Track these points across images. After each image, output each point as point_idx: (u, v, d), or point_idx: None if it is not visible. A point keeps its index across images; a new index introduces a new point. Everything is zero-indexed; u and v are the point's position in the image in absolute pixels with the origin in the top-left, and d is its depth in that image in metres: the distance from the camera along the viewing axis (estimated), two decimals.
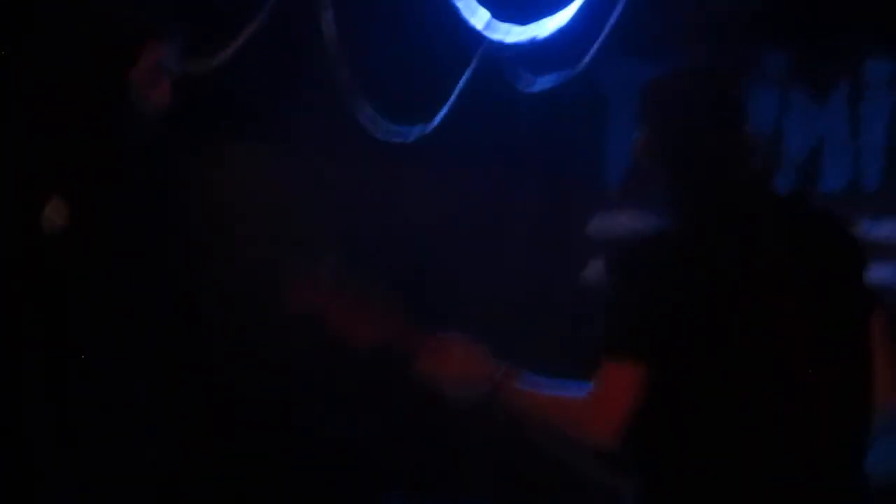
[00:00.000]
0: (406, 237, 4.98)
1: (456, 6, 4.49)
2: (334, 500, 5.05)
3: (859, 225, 3.02)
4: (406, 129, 4.82)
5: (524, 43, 4.59)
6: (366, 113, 4.73)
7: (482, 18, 4.60)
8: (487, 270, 5.17)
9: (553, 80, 4.76)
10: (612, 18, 4.47)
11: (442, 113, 4.75)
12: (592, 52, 4.58)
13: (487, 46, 4.66)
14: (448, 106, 4.75)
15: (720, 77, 2.77)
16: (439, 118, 4.77)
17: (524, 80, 4.76)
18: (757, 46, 4.97)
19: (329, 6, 4.52)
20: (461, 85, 4.76)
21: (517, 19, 4.62)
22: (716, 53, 4.70)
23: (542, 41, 4.56)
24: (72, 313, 3.17)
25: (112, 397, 3.31)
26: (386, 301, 2.77)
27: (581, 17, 4.51)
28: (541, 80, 4.78)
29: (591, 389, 2.56)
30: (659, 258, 2.59)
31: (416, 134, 4.80)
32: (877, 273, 2.76)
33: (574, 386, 2.59)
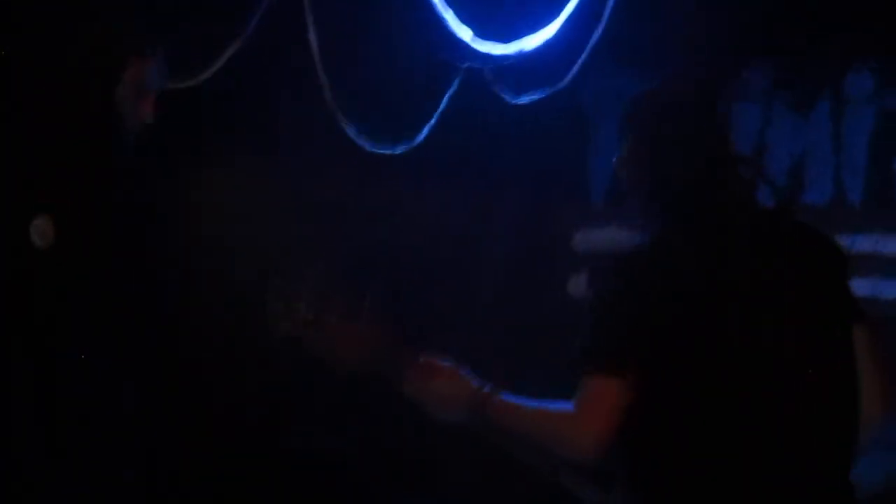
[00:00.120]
0: (392, 250, 4.94)
1: (443, 19, 4.46)
2: None
3: (842, 237, 2.93)
4: (392, 142, 4.77)
5: (511, 55, 4.56)
6: (352, 126, 4.68)
7: (468, 32, 4.55)
8: (472, 282, 5.15)
9: (538, 94, 4.73)
10: (596, 34, 4.48)
11: (429, 125, 4.72)
12: (577, 66, 4.58)
13: (474, 59, 4.62)
14: (435, 118, 4.71)
15: (702, 93, 2.79)
16: (426, 131, 4.73)
17: (510, 93, 4.73)
18: (740, 61, 4.99)
19: (313, 19, 4.51)
20: (447, 97, 4.72)
21: (501, 37, 4.59)
22: (699, 69, 4.65)
23: (528, 54, 4.54)
24: (60, 327, 3.09)
25: (98, 415, 3.28)
26: (371, 322, 2.76)
27: (566, 32, 4.50)
28: (526, 94, 4.74)
29: (573, 404, 2.54)
30: (642, 271, 2.58)
31: (402, 146, 4.76)
32: (859, 285, 2.79)
33: (556, 403, 2.58)
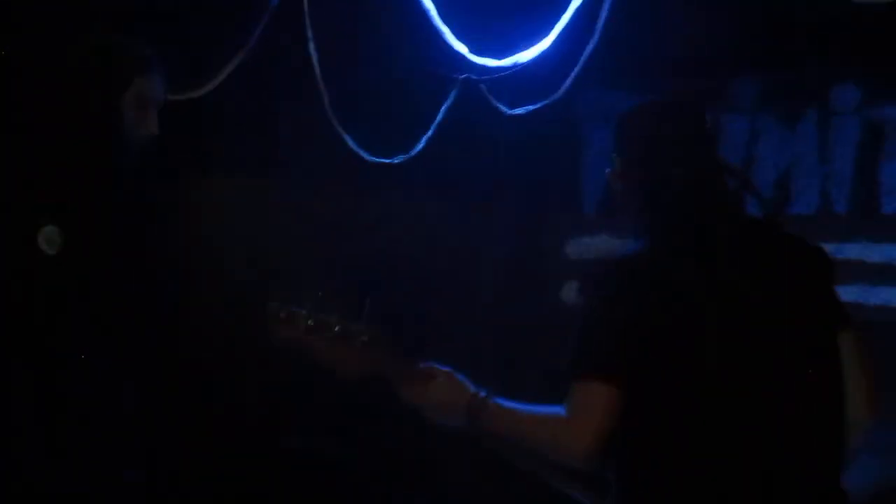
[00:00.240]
0: (389, 258, 5.01)
1: (441, 33, 4.55)
2: None
3: (828, 246, 2.96)
4: (390, 152, 4.86)
5: (506, 68, 4.62)
6: (351, 136, 4.79)
7: (465, 47, 4.65)
8: (468, 288, 5.19)
9: (533, 106, 4.76)
10: (589, 48, 4.50)
11: (426, 136, 4.79)
12: (570, 79, 4.60)
13: (470, 72, 4.69)
14: (432, 129, 4.78)
15: (690, 108, 2.85)
16: (423, 141, 4.81)
17: (506, 105, 4.77)
18: (728, 76, 4.98)
19: (313, 33, 4.62)
20: (444, 108, 4.79)
21: (497, 50, 4.65)
22: (688, 84, 4.75)
23: (523, 67, 4.59)
24: (64, 331, 3.13)
25: (100, 416, 3.20)
26: (370, 331, 2.77)
27: (559, 46, 4.53)
28: (521, 106, 4.77)
29: (564, 410, 2.58)
30: (633, 279, 2.62)
31: (400, 156, 4.85)
32: (846, 292, 2.83)
33: (550, 408, 2.61)
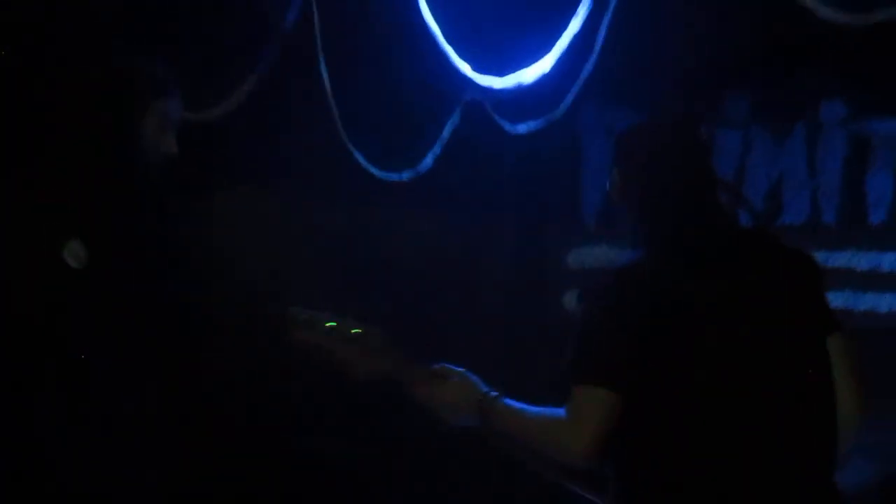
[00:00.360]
0: (398, 268, 5.10)
1: (446, 54, 4.64)
2: None
3: (818, 254, 3.11)
4: (399, 168, 4.97)
5: (509, 88, 4.69)
6: (361, 153, 4.90)
7: (469, 66, 4.73)
8: (474, 295, 5.28)
9: (535, 123, 4.84)
10: (588, 67, 4.57)
11: (433, 153, 4.89)
12: (570, 97, 4.68)
13: (474, 91, 4.78)
14: (438, 146, 4.88)
15: (685, 126, 2.90)
16: (430, 158, 4.91)
17: (508, 123, 4.85)
18: (720, 93, 5.05)
19: (324, 56, 4.73)
20: (450, 127, 4.89)
21: (500, 70, 4.71)
22: (683, 100, 4.85)
23: (525, 87, 4.64)
24: (88, 343, 3.17)
25: (120, 420, 3.24)
26: (385, 334, 2.85)
27: (560, 66, 4.58)
28: (523, 123, 4.86)
29: (564, 413, 2.63)
30: (631, 289, 2.66)
31: (408, 173, 4.96)
32: (835, 298, 2.98)
33: (554, 410, 2.66)
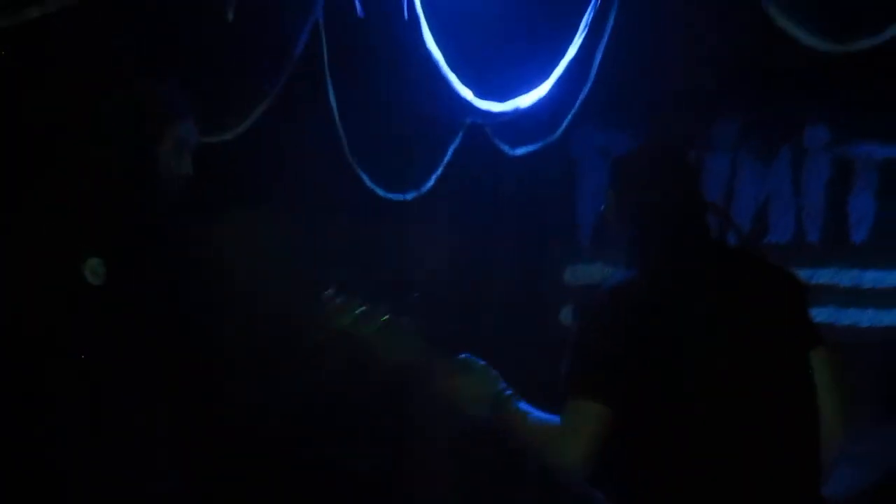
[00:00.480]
0: (401, 283, 5.16)
1: (449, 80, 4.67)
2: None
3: (802, 272, 3.16)
4: (403, 189, 5.03)
5: (508, 112, 4.73)
6: (367, 175, 4.93)
7: (470, 92, 4.75)
8: (475, 308, 5.35)
9: (533, 146, 4.93)
10: (583, 93, 4.61)
11: (436, 174, 4.95)
12: (566, 121, 4.72)
13: (475, 115, 4.82)
14: (441, 167, 4.94)
15: (676, 151, 3.01)
16: (433, 179, 4.97)
17: (508, 146, 4.93)
18: (710, 119, 5.15)
19: (332, 81, 4.71)
20: (452, 149, 4.95)
21: (500, 96, 4.74)
22: (674, 125, 4.96)
23: (523, 111, 4.68)
24: (108, 355, 3.21)
25: (136, 427, 3.27)
26: (413, 324, 2.94)
27: (556, 91, 4.60)
28: (522, 146, 4.93)
29: (559, 422, 2.71)
30: (624, 304, 2.73)
31: (412, 193, 5.02)
32: (818, 314, 3.11)
33: (553, 418, 2.74)
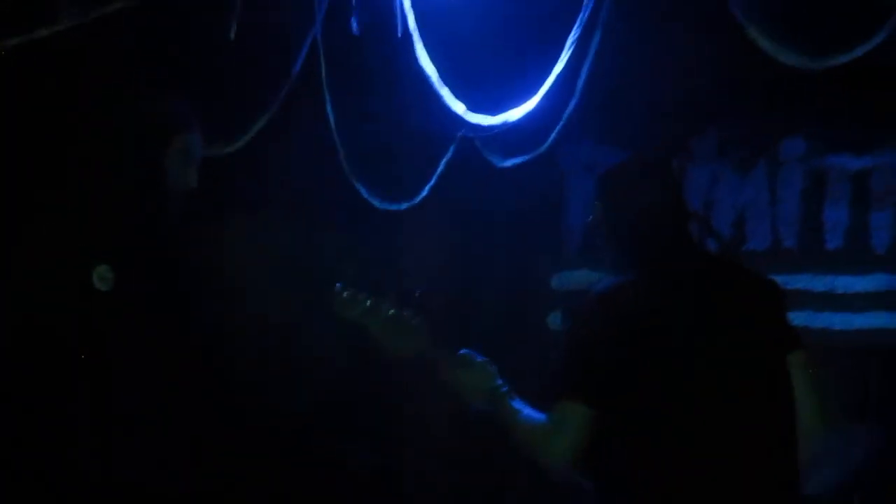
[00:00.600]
0: (394, 290, 5.23)
1: (440, 95, 4.79)
2: None
3: (779, 277, 3.19)
4: (397, 199, 5.10)
5: (498, 126, 4.79)
6: (363, 186, 5.03)
7: (461, 106, 4.83)
8: (466, 315, 5.42)
9: (522, 158, 4.96)
10: (571, 106, 4.63)
11: (428, 185, 5.02)
12: (554, 134, 4.75)
13: (467, 129, 4.90)
14: (434, 179, 5.00)
15: (660, 164, 3.11)
16: (426, 190, 5.04)
17: (498, 158, 4.99)
18: (690, 131, 5.18)
19: (330, 97, 4.84)
20: (444, 161, 5.02)
21: (490, 109, 4.79)
22: (656, 138, 5.00)
23: (512, 125, 4.73)
24: (116, 359, 3.26)
25: (138, 433, 3.33)
26: (418, 318, 3.04)
27: (544, 105, 4.64)
28: (511, 158, 4.97)
29: (546, 419, 2.80)
30: (611, 309, 2.83)
31: (406, 203, 5.10)
32: (794, 317, 3.09)
33: (541, 417, 2.84)
